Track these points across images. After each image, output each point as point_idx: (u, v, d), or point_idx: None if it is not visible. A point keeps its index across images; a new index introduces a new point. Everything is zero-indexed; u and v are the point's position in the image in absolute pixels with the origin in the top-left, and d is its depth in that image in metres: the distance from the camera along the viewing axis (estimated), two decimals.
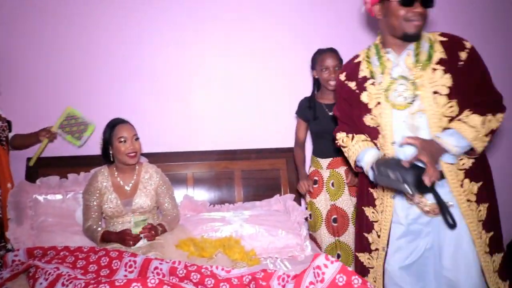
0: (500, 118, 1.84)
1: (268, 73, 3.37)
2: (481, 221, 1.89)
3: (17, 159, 3.03)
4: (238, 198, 3.21)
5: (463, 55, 1.84)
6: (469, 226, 1.86)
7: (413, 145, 1.77)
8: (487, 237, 1.90)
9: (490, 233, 1.90)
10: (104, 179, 2.56)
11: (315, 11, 3.39)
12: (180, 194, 3.08)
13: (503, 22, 3.60)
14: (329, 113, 2.80)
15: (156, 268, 1.98)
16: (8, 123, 2.85)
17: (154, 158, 3.02)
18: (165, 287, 1.63)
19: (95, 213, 2.54)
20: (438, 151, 1.77)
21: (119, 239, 2.39)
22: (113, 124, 2.54)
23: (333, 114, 2.38)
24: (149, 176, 2.61)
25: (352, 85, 2.07)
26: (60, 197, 2.86)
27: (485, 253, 1.88)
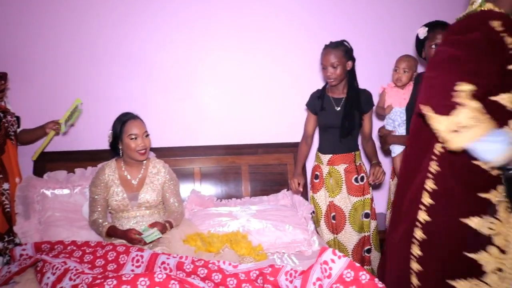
0: None
1: (275, 68, 3.36)
2: None
3: (25, 154, 3.04)
4: (245, 193, 3.21)
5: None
6: None
7: None
8: None
9: None
10: (111, 172, 2.56)
11: (322, 6, 3.36)
12: (187, 189, 3.08)
13: None
14: (335, 108, 2.78)
15: (163, 263, 1.98)
16: (17, 118, 2.86)
17: (161, 152, 3.02)
18: (172, 282, 1.63)
19: (101, 206, 2.53)
20: None
21: (124, 237, 2.38)
22: (124, 119, 2.51)
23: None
24: (156, 171, 2.61)
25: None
26: (68, 192, 2.86)
27: None
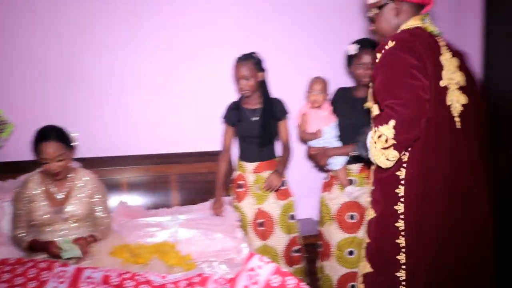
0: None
1: (204, 76, 3.37)
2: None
3: None
4: (174, 202, 3.19)
5: (378, 56, 1.81)
6: None
7: None
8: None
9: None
10: (35, 185, 2.45)
11: (243, 13, 3.41)
12: (115, 200, 3.01)
13: None
14: (252, 118, 2.86)
15: (89, 278, 1.94)
16: None
17: (87, 163, 2.91)
18: None
19: (23, 221, 2.42)
20: None
21: (45, 250, 2.30)
22: (37, 139, 2.39)
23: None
24: (83, 184, 2.53)
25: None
26: None
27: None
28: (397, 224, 1.76)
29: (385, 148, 1.66)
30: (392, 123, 1.63)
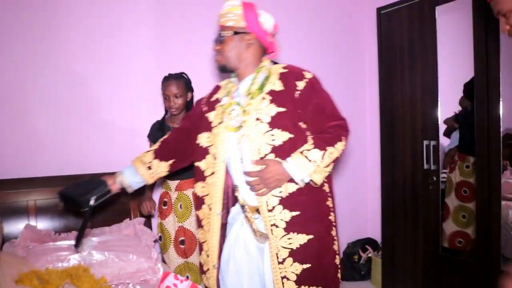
0: (342, 146, 1.91)
1: (115, 96, 3.35)
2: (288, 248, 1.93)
3: None
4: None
5: (300, 85, 1.94)
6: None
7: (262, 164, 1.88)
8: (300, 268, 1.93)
9: (304, 265, 1.93)
10: None
11: (166, 28, 3.48)
12: (21, 224, 2.88)
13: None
14: None
15: None
16: None
17: None
18: None
19: None
20: (284, 177, 1.89)
21: None
22: None
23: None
24: None
25: (204, 104, 2.21)
26: None
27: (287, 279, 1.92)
28: (332, 233, 2.02)
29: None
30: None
